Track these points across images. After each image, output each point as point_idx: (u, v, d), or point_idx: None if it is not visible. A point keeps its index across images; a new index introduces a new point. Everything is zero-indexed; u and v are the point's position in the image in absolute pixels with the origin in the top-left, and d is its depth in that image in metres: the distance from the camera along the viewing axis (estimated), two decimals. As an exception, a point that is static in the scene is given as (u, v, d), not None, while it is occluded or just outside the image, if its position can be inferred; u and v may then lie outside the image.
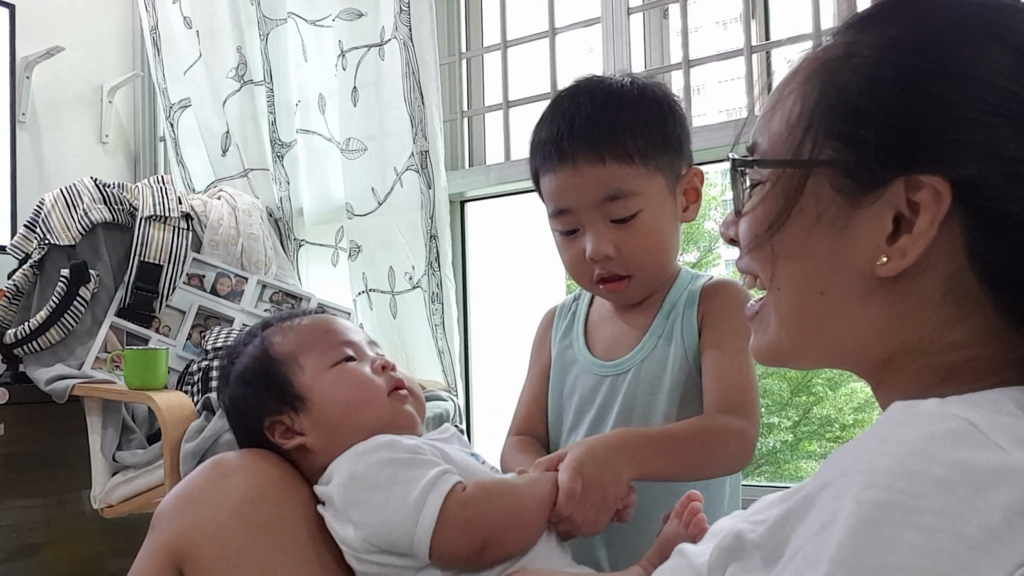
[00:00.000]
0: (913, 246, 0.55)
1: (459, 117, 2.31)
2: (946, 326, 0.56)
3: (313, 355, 1.00)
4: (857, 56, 0.58)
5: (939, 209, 0.54)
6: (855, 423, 7.36)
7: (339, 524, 0.90)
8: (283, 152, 2.38)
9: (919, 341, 0.57)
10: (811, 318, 0.61)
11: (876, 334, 0.59)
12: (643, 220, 1.06)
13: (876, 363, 0.60)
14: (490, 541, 0.87)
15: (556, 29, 2.13)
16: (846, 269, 0.58)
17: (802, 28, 1.80)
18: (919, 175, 0.54)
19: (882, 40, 0.58)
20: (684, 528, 0.87)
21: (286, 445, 0.98)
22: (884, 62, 0.57)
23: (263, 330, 1.05)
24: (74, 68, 2.67)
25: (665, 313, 1.11)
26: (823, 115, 0.58)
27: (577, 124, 1.06)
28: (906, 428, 0.51)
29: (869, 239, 0.57)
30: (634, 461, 0.96)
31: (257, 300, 2.09)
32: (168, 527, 0.94)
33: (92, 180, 2.08)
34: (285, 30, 2.36)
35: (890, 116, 0.56)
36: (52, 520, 2.15)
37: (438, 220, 2.01)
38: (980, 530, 0.44)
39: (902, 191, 0.55)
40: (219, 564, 0.90)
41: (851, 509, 0.46)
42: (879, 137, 0.56)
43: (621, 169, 1.04)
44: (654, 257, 1.09)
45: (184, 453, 1.58)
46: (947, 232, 0.55)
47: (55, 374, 1.92)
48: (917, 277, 0.56)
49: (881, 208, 0.56)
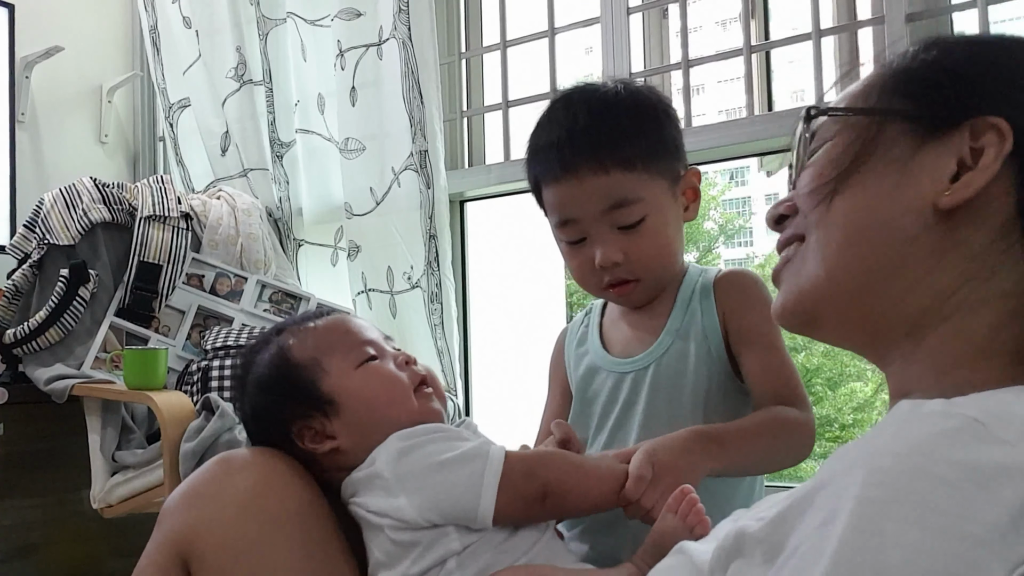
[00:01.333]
0: (975, 180, 0.58)
1: (458, 117, 2.31)
2: (982, 280, 0.58)
3: (336, 357, 1.00)
4: (924, 50, 0.65)
5: (1002, 148, 0.57)
6: (854, 423, 7.36)
7: (389, 498, 0.90)
8: (282, 152, 2.38)
9: (951, 296, 0.58)
10: (858, 254, 0.62)
11: (914, 281, 0.59)
12: (649, 225, 1.06)
13: (900, 327, 0.61)
14: (551, 490, 0.90)
15: (556, 29, 2.13)
16: (904, 205, 0.60)
17: (801, 28, 1.80)
18: (987, 116, 0.58)
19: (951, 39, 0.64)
20: (682, 521, 0.87)
21: (319, 449, 0.97)
22: (953, 48, 0.63)
23: (277, 336, 1.04)
24: (73, 68, 2.67)
25: (680, 310, 1.12)
26: (897, 76, 0.64)
27: (576, 134, 1.06)
28: (911, 426, 0.51)
29: (932, 176, 0.59)
30: (709, 452, 0.96)
31: (256, 300, 2.09)
32: (174, 522, 0.94)
33: (91, 180, 2.08)
34: (284, 30, 2.36)
35: (960, 72, 0.61)
36: (51, 520, 2.15)
37: (437, 220, 2.01)
38: (984, 528, 0.44)
39: (967, 137, 0.59)
40: (225, 559, 0.91)
41: (853, 506, 0.46)
42: (950, 85, 0.61)
43: (624, 176, 1.04)
44: (661, 260, 1.10)
45: (183, 453, 1.58)
46: (1003, 181, 0.58)
47: (54, 374, 1.92)
48: (968, 222, 0.58)
49: (946, 150, 0.59)
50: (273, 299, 2.10)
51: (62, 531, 2.16)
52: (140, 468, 1.81)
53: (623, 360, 1.13)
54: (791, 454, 1.05)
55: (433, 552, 0.88)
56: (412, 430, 0.94)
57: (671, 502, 0.89)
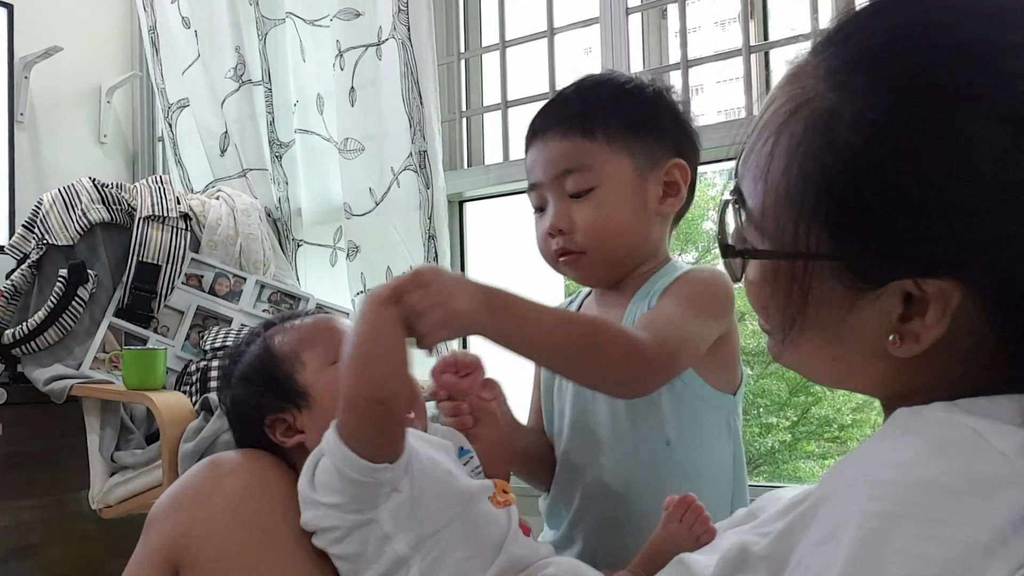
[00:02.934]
0: (927, 334, 0.53)
1: (457, 117, 2.31)
2: (960, 368, 0.54)
3: (316, 352, 0.99)
4: (844, 124, 0.53)
5: (948, 305, 0.51)
6: (853, 423, 7.35)
7: (312, 509, 0.90)
8: (281, 152, 2.38)
9: (932, 380, 0.55)
10: (824, 375, 0.62)
11: (889, 381, 0.58)
12: (598, 196, 1.06)
13: (888, 398, 0.60)
14: (353, 400, 0.84)
15: (555, 29, 2.13)
16: (857, 342, 0.56)
17: (800, 28, 1.80)
18: (923, 279, 0.51)
19: (869, 107, 0.52)
20: (687, 529, 0.85)
21: (287, 443, 0.97)
22: (874, 144, 0.52)
23: (265, 330, 1.05)
24: (72, 68, 2.66)
25: (636, 304, 1.08)
26: (816, 200, 0.54)
27: (556, 102, 1.11)
28: (910, 437, 0.50)
29: (879, 319, 0.54)
30: (490, 305, 0.85)
31: (255, 300, 2.09)
32: (164, 527, 0.93)
33: (90, 180, 2.08)
34: (283, 30, 2.36)
35: (886, 216, 0.51)
36: (50, 520, 2.15)
37: (436, 220, 2.01)
38: (989, 535, 0.44)
39: (910, 284, 0.52)
40: (216, 564, 0.90)
41: (858, 521, 0.45)
42: (877, 240, 0.52)
43: (582, 144, 1.06)
44: (608, 235, 1.07)
45: (183, 453, 1.57)
46: (964, 311, 0.52)
47: (53, 374, 1.92)
48: (933, 349, 0.54)
49: (888, 298, 0.53)
50: (272, 299, 2.10)
51: (61, 532, 2.15)
52: (139, 468, 1.80)
53: None
54: (607, 369, 0.94)
55: (382, 560, 0.85)
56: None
57: (673, 511, 0.87)
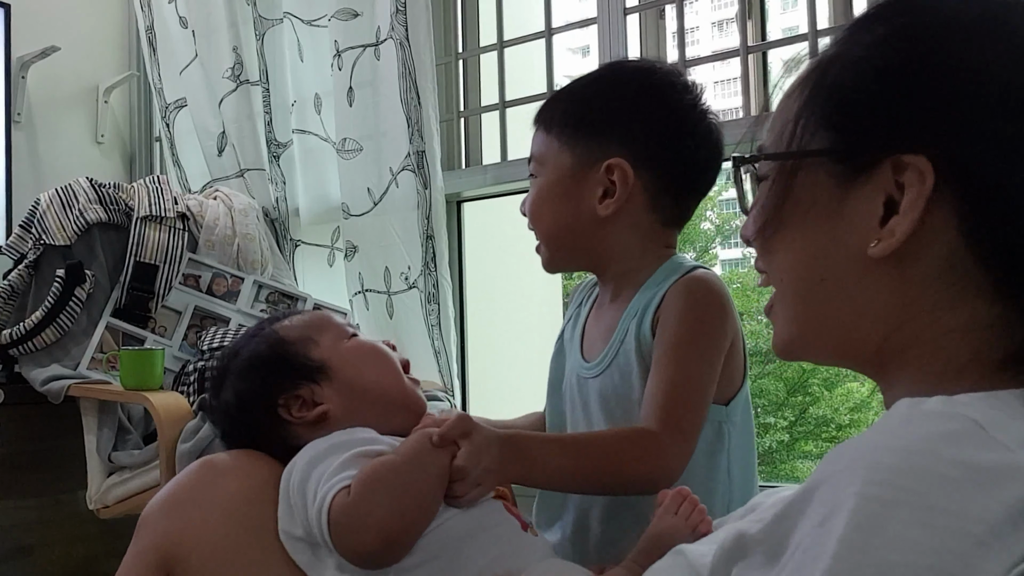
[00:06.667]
0: (900, 225, 0.56)
1: (455, 117, 2.31)
2: (944, 310, 0.56)
3: (328, 332, 1.02)
4: (848, 54, 0.60)
5: (923, 188, 0.55)
6: (851, 423, 7.37)
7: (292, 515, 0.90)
8: (279, 152, 2.38)
9: (919, 325, 0.57)
10: (814, 306, 0.62)
11: (878, 317, 0.59)
12: (536, 184, 1.13)
13: (881, 352, 0.60)
14: (392, 540, 0.84)
15: (552, 29, 2.13)
16: (842, 254, 0.59)
17: (798, 28, 1.80)
18: (902, 155, 0.55)
19: (873, 38, 0.59)
20: (683, 521, 0.85)
21: (307, 417, 0.97)
22: (872, 55, 0.58)
23: (259, 331, 1.05)
24: (70, 68, 2.66)
25: (631, 315, 1.07)
26: (814, 107, 0.60)
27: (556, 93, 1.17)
28: (911, 426, 0.50)
29: (862, 222, 0.58)
30: (524, 457, 0.91)
31: (253, 300, 2.08)
32: (157, 529, 0.92)
33: (88, 180, 2.08)
34: (281, 30, 2.36)
35: (876, 100, 0.57)
36: (47, 521, 2.14)
37: (434, 220, 2.01)
38: (984, 527, 0.44)
39: (890, 174, 0.56)
40: (211, 566, 0.90)
41: (854, 504, 0.45)
42: (865, 121, 0.58)
43: (543, 136, 1.12)
44: (538, 224, 1.13)
45: (180, 454, 1.57)
46: (940, 212, 0.55)
47: (51, 374, 1.91)
48: (912, 259, 0.56)
49: (871, 191, 0.57)
50: (270, 299, 2.10)
51: (58, 532, 2.15)
52: (136, 469, 1.80)
53: (585, 364, 1.12)
54: (631, 480, 0.95)
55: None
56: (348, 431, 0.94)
57: (669, 503, 0.87)
